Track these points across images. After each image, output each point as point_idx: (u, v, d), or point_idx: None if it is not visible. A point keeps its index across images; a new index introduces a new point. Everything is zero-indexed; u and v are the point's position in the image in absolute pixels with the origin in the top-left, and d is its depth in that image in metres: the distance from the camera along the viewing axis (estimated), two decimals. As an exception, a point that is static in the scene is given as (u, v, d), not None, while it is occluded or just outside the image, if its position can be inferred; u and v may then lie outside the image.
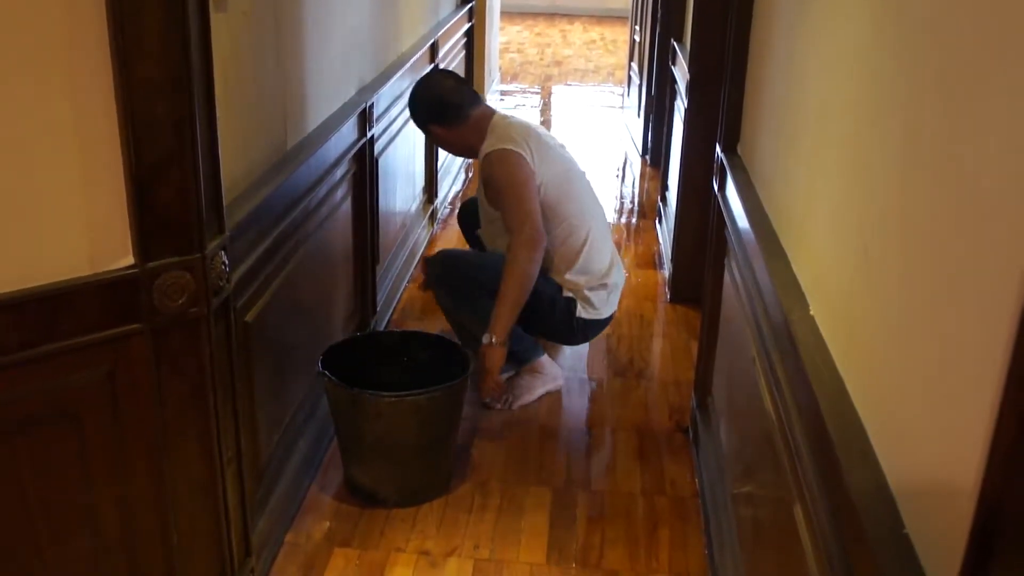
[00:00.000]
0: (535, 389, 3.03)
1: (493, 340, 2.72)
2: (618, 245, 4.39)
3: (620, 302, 3.19)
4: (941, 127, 1.03)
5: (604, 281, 2.98)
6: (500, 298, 2.72)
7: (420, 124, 3.04)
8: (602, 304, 3.00)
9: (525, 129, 2.92)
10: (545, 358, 3.06)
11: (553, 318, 2.95)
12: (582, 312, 2.95)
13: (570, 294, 2.93)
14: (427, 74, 3.22)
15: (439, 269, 2.97)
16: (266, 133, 2.21)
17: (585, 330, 3.03)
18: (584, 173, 3.10)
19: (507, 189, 2.80)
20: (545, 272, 2.88)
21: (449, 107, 2.93)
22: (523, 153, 2.82)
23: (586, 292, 2.94)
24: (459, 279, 2.92)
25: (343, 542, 2.34)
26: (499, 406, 2.96)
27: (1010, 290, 0.80)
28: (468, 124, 2.94)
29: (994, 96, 0.89)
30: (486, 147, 2.86)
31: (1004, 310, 0.81)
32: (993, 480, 0.83)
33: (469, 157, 3.12)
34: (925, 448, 1.03)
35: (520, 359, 3.00)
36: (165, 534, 1.71)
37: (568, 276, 2.93)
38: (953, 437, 0.94)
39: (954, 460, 0.93)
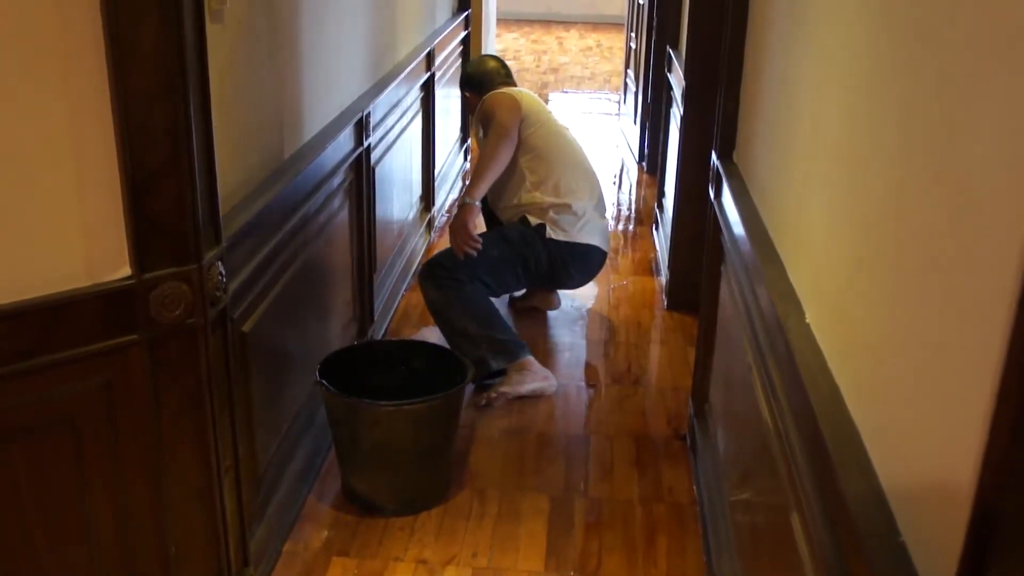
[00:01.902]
0: (524, 384, 3.07)
1: (466, 200, 3.16)
2: (615, 252, 4.40)
3: (617, 308, 3.21)
4: (935, 134, 1.03)
5: (568, 203, 3.27)
6: (475, 170, 3.22)
7: (463, 86, 3.73)
8: (571, 227, 3.27)
9: (519, 92, 3.46)
10: (531, 358, 3.10)
11: (528, 249, 3.23)
12: (552, 233, 3.24)
13: (537, 220, 3.27)
14: (479, 56, 3.96)
15: (423, 269, 3.23)
16: (263, 143, 2.21)
17: (565, 256, 3.28)
18: (575, 141, 3.51)
19: (495, 113, 3.29)
20: (517, 202, 3.31)
21: (479, 82, 3.62)
22: (514, 96, 3.36)
23: (551, 214, 3.26)
24: (442, 268, 3.13)
25: (341, 551, 2.34)
26: (483, 401, 3.01)
27: (1003, 298, 0.81)
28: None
29: (988, 103, 0.90)
30: (487, 97, 3.41)
31: (998, 318, 0.82)
32: (988, 487, 0.83)
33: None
34: (920, 455, 1.03)
35: (507, 354, 3.06)
36: (162, 543, 1.71)
37: (540, 204, 3.27)
38: (948, 444, 0.94)
39: (949, 467, 0.93)
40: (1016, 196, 0.81)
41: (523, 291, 3.68)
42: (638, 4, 5.88)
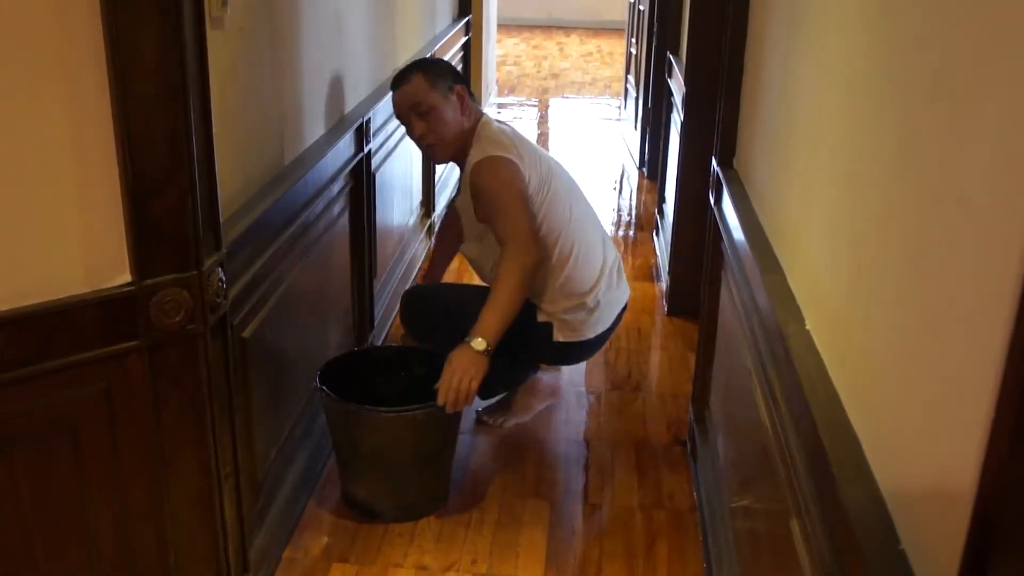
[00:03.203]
0: (532, 407, 2.96)
1: (487, 347, 2.37)
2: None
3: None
4: (934, 140, 1.04)
5: (584, 301, 2.71)
6: (492, 303, 2.43)
7: (440, 83, 2.69)
8: (579, 324, 2.74)
9: (513, 133, 2.75)
10: (540, 374, 2.99)
11: (535, 350, 2.77)
12: (560, 335, 2.72)
13: (545, 318, 2.71)
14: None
15: (408, 310, 2.89)
16: (263, 149, 2.21)
17: (571, 353, 2.83)
18: (573, 179, 2.88)
19: (500, 199, 2.56)
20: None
21: (432, 65, 2.79)
22: (514, 160, 2.61)
23: (562, 315, 2.71)
24: (432, 322, 2.80)
25: (341, 558, 2.34)
26: (491, 421, 2.92)
27: (1003, 305, 0.81)
28: (470, 109, 2.72)
29: (987, 109, 0.90)
30: (475, 155, 2.63)
31: (998, 324, 0.82)
32: (987, 494, 0.83)
33: (451, 155, 2.75)
34: (920, 462, 1.03)
35: (518, 380, 2.93)
36: (162, 550, 1.71)
37: (546, 298, 2.70)
38: (947, 451, 0.94)
39: (948, 474, 0.93)
40: (1015, 203, 0.81)
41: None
42: (639, 10, 5.89)
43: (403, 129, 3.68)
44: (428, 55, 4.23)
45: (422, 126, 2.68)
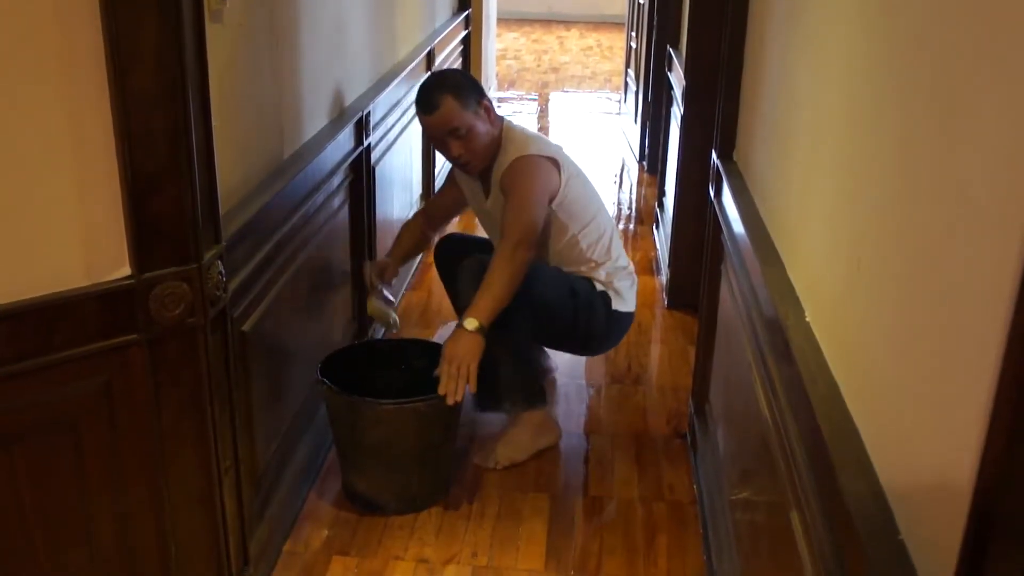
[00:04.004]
0: (527, 447, 2.75)
1: (479, 326, 2.37)
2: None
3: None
4: (933, 134, 1.04)
5: (628, 269, 2.86)
6: (486, 288, 2.42)
7: (471, 101, 2.65)
8: (628, 294, 2.84)
9: (535, 134, 2.82)
10: (547, 410, 2.84)
11: (593, 318, 2.76)
12: (617, 304, 2.79)
13: (602, 287, 2.77)
14: (436, 71, 3.11)
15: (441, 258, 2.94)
16: (263, 143, 2.21)
17: (620, 325, 2.86)
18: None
19: (527, 190, 2.58)
20: (579, 271, 2.76)
21: (465, 85, 2.71)
22: (556, 158, 2.68)
23: (616, 284, 2.79)
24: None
25: (341, 550, 2.34)
26: (487, 464, 2.71)
27: (1002, 297, 0.81)
28: (496, 118, 2.73)
29: (986, 105, 0.90)
30: (509, 155, 2.65)
31: (996, 316, 0.82)
32: (986, 486, 0.83)
33: (485, 166, 2.75)
34: (919, 454, 1.03)
35: (530, 400, 2.75)
36: (163, 544, 1.71)
37: (603, 271, 2.77)
38: (946, 443, 0.94)
39: (948, 466, 0.93)
40: (1014, 196, 0.81)
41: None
42: (638, 4, 5.88)
43: (402, 123, 3.71)
44: (428, 49, 4.23)
45: (459, 146, 2.65)
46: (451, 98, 2.61)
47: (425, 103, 2.66)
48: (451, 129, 2.62)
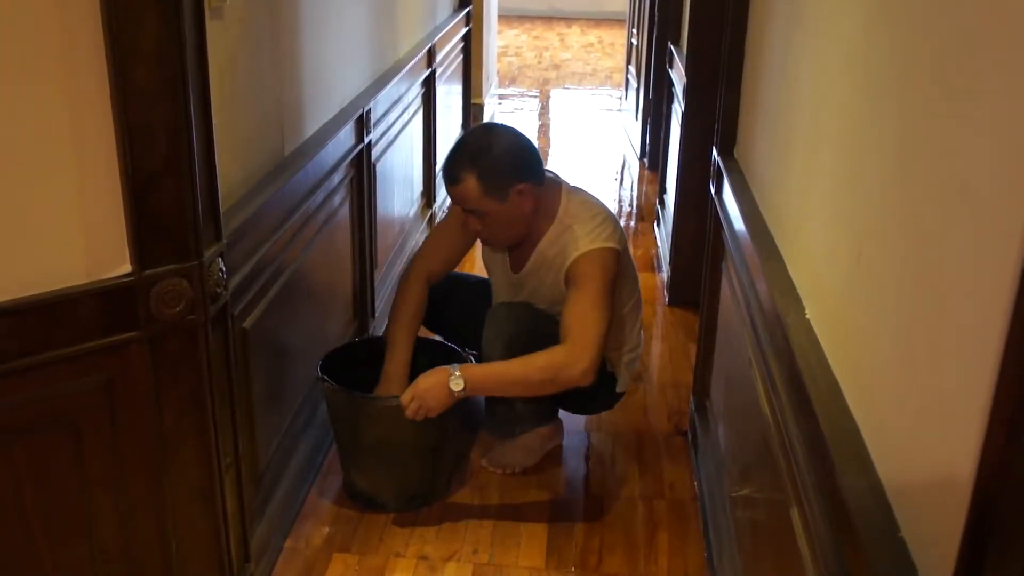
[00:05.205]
0: (538, 452, 2.73)
1: (463, 389, 2.27)
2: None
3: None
4: (934, 128, 1.04)
5: (640, 347, 2.73)
6: (503, 366, 2.32)
7: (500, 187, 2.35)
8: (629, 373, 2.69)
9: (603, 208, 2.50)
10: (560, 424, 2.81)
11: (596, 399, 2.69)
12: (619, 387, 2.67)
13: (612, 369, 2.61)
14: (486, 124, 2.74)
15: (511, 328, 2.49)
16: (263, 140, 2.21)
17: (611, 402, 2.76)
18: None
19: (594, 294, 2.33)
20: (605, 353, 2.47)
21: (535, 159, 2.43)
22: (619, 250, 2.42)
23: (624, 366, 2.65)
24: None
25: (342, 547, 2.34)
26: (498, 470, 2.68)
27: (1002, 293, 0.81)
28: (538, 202, 2.44)
29: (987, 99, 0.90)
30: (582, 234, 2.39)
31: (996, 313, 0.82)
32: (986, 483, 0.83)
33: (515, 244, 2.53)
34: (919, 451, 1.03)
35: (536, 423, 2.71)
36: (164, 541, 1.71)
37: (624, 353, 2.63)
38: (947, 440, 0.94)
39: (948, 463, 0.93)
40: (1015, 191, 0.81)
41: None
42: (639, 0, 5.87)
43: (403, 120, 3.71)
44: (429, 46, 4.22)
45: (477, 223, 2.45)
46: (474, 179, 2.34)
47: (447, 170, 2.43)
48: (469, 208, 2.42)
